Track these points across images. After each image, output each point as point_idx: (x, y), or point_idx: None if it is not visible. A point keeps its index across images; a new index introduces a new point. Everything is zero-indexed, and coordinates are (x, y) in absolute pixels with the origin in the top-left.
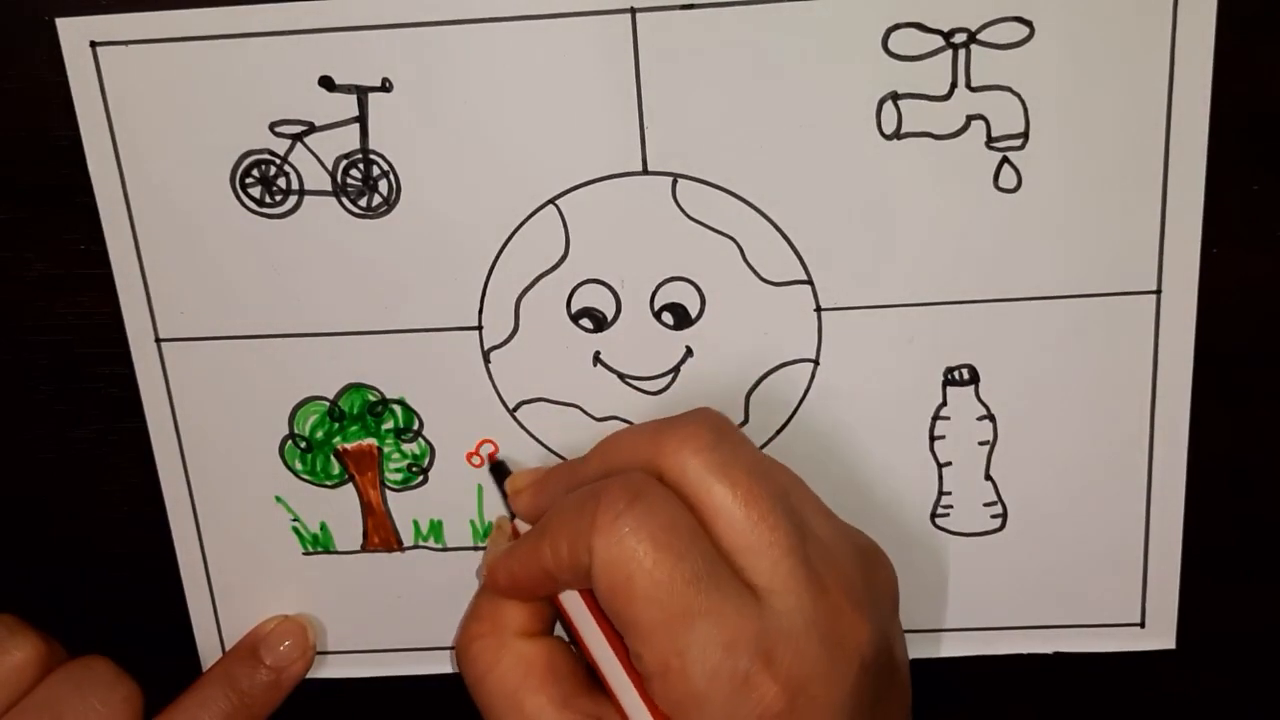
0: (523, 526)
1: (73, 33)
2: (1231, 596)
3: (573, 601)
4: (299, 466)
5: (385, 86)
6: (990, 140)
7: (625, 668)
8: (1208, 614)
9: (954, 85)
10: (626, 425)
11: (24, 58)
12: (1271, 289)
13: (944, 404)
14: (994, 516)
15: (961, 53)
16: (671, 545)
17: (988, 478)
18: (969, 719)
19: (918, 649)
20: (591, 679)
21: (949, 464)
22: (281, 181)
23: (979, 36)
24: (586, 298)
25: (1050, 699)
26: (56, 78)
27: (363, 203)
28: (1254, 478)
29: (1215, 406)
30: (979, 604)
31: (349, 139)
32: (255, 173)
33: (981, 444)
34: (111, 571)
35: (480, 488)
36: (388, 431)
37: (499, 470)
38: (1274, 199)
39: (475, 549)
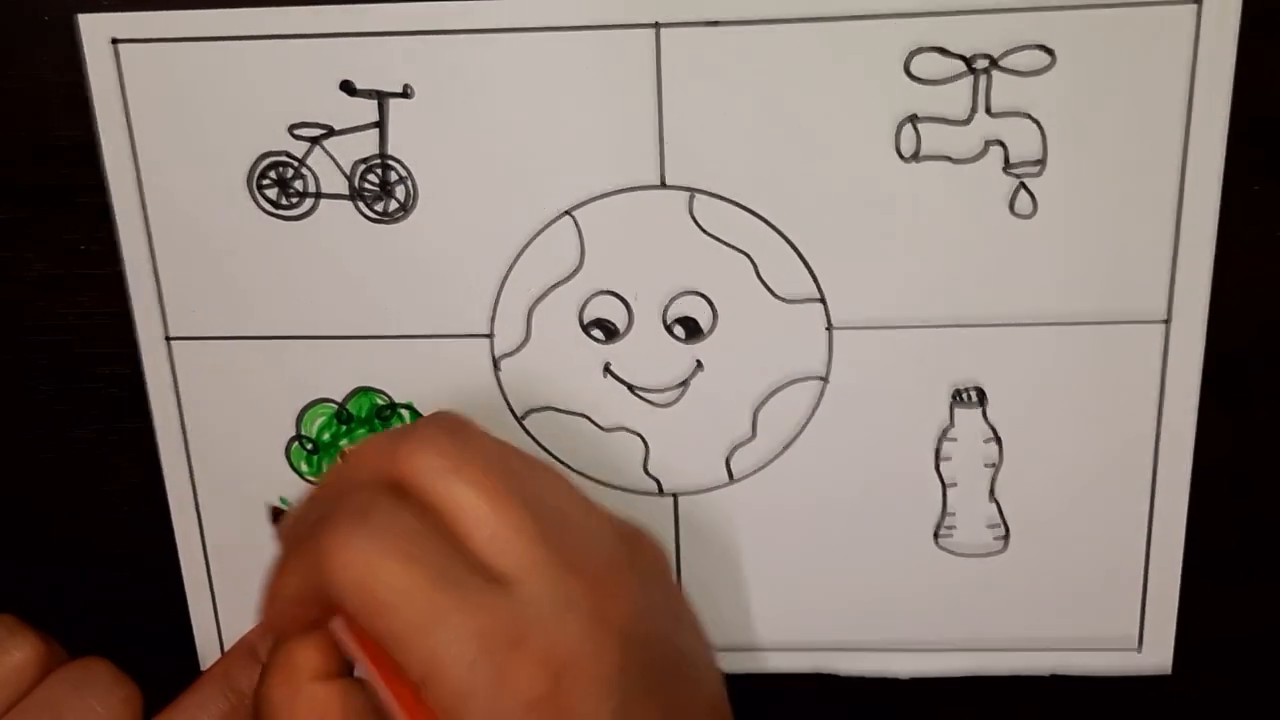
0: None
1: (94, 29)
2: (1232, 600)
3: (339, 629)
4: (304, 468)
5: (406, 93)
6: (1008, 166)
7: (385, 682)
8: (1207, 621)
9: (974, 110)
10: (635, 434)
11: (25, 58)
12: (1273, 291)
13: (951, 425)
14: (996, 538)
15: (982, 78)
16: (405, 553)
17: (992, 499)
18: None
19: (917, 666)
20: None
21: (954, 484)
22: (298, 184)
23: (1000, 63)
24: (599, 309)
25: (1048, 718)
26: (58, 78)
27: (379, 207)
28: (1255, 483)
29: (1217, 408)
30: (978, 624)
31: (368, 144)
32: (272, 174)
33: (987, 465)
34: (111, 571)
35: None
36: None
37: (279, 517)
38: (1275, 200)
39: None
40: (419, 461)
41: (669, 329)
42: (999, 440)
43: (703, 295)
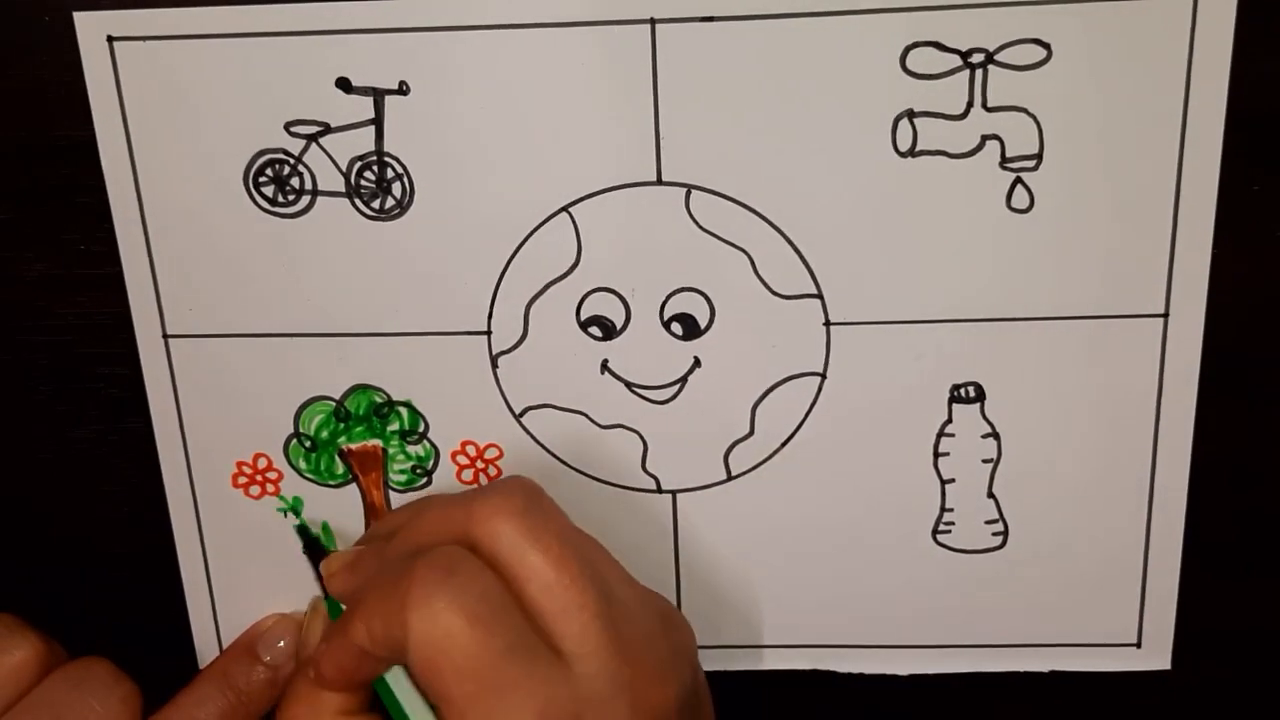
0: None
1: (90, 27)
2: (1231, 594)
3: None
4: (303, 465)
5: (402, 89)
6: (1004, 160)
7: None
8: (1207, 614)
9: (970, 105)
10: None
11: (25, 58)
12: (1271, 285)
13: (949, 421)
14: (995, 534)
15: (979, 73)
16: (485, 619)
17: (990, 496)
18: None
19: (915, 665)
20: None
21: (952, 481)
22: (295, 181)
23: (996, 57)
24: (596, 306)
25: (1047, 716)
26: (57, 77)
27: (376, 204)
28: (1253, 480)
29: (1216, 403)
30: (977, 621)
31: (364, 141)
32: (269, 172)
33: (985, 462)
34: (111, 571)
35: None
36: (393, 433)
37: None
38: (1272, 194)
39: None
40: (495, 526)
41: (666, 326)
42: (997, 436)
43: (700, 292)
